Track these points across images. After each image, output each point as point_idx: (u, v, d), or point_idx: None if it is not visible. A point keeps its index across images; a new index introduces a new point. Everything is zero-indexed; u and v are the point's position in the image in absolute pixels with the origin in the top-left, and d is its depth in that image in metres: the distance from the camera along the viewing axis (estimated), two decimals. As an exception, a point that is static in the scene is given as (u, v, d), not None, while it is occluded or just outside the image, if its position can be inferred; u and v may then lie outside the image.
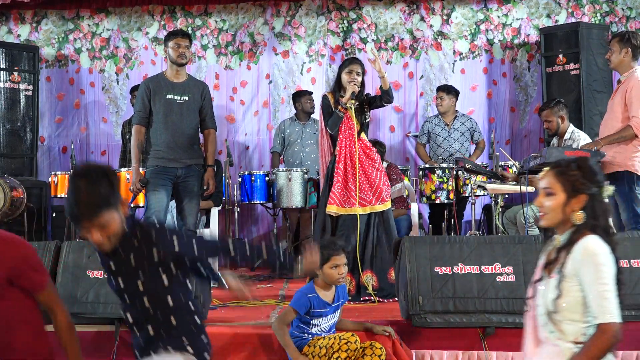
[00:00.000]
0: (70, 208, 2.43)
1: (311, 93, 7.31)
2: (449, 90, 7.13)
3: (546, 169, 2.45)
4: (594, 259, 2.27)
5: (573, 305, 2.30)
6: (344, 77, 5.10)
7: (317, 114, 7.31)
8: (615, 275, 2.31)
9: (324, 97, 5.26)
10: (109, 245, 2.50)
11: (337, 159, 5.07)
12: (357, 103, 5.14)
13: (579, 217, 2.35)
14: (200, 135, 5.45)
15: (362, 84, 5.15)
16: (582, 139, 5.65)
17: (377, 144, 6.24)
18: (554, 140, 5.88)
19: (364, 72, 5.19)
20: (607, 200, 2.44)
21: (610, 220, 2.41)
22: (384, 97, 5.07)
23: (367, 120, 5.20)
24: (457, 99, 7.18)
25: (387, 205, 5.09)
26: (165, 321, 2.58)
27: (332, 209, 5.01)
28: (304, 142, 7.15)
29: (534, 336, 2.41)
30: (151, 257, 2.53)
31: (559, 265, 2.34)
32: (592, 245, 2.30)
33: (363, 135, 5.15)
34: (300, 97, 7.25)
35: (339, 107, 5.06)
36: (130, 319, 2.63)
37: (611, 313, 2.23)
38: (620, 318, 2.24)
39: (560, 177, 2.39)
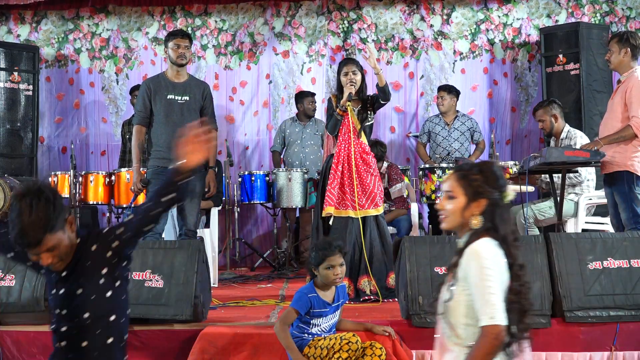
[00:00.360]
0: (15, 234, 2.36)
1: (314, 95, 7.30)
2: (450, 90, 7.13)
3: (450, 171, 2.43)
4: (478, 261, 2.24)
5: (464, 308, 2.28)
6: (342, 79, 5.10)
7: (318, 115, 7.31)
8: (514, 281, 2.27)
9: (329, 100, 5.29)
10: (62, 264, 2.47)
11: (334, 159, 5.06)
12: (359, 105, 5.13)
13: (475, 221, 2.33)
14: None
15: (363, 79, 5.14)
16: (579, 136, 5.65)
17: (378, 144, 6.23)
18: (552, 142, 5.87)
19: (362, 70, 5.18)
20: (509, 204, 2.39)
21: (511, 224, 2.36)
22: (380, 94, 5.05)
23: (368, 123, 5.15)
24: (457, 98, 7.18)
25: (380, 210, 5.08)
26: (101, 336, 2.48)
27: (329, 210, 4.99)
28: (304, 142, 7.15)
29: (440, 340, 2.41)
30: (94, 257, 2.47)
31: (455, 268, 2.34)
32: (479, 248, 2.27)
33: (363, 138, 5.12)
34: (302, 98, 7.22)
35: (337, 109, 5.06)
36: (65, 328, 2.49)
37: (493, 315, 2.19)
38: (504, 321, 2.19)
39: (461, 181, 2.36)
